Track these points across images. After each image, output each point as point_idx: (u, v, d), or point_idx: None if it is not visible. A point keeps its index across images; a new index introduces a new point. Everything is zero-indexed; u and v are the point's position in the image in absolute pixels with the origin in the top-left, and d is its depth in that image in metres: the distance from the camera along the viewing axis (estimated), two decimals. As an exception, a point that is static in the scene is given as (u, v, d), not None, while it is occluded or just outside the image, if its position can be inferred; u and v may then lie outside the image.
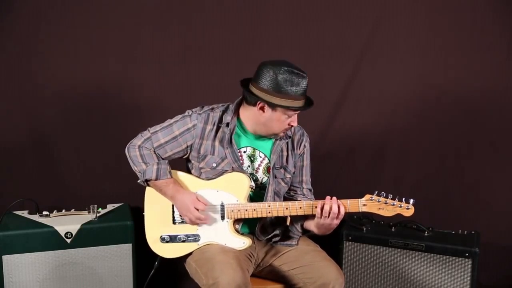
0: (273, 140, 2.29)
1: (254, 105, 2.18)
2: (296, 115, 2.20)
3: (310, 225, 2.23)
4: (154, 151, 2.24)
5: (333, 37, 3.08)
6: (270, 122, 2.18)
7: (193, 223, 2.20)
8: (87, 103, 2.99)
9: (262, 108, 2.16)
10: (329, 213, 2.08)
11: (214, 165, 2.22)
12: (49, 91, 2.94)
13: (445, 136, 3.13)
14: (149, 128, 2.27)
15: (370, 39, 3.07)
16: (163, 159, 2.26)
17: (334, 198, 2.11)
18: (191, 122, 2.23)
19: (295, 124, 2.20)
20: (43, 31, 2.88)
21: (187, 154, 2.28)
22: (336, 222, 2.11)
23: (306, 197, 2.36)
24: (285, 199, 2.37)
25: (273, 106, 2.13)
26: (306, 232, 2.31)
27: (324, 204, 2.10)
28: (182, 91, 3.03)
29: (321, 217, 2.11)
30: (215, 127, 2.23)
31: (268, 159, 2.29)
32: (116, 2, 2.93)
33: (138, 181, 2.26)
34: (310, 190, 2.40)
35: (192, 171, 2.29)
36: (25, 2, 2.84)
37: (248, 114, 2.23)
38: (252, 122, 2.24)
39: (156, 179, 2.20)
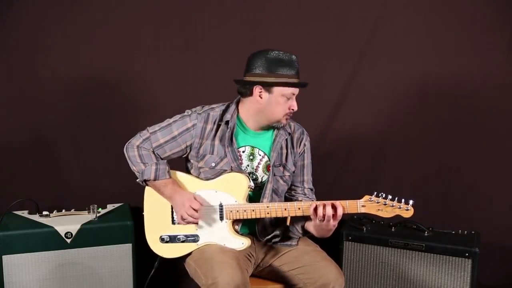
0: (273, 137, 2.29)
1: (251, 94, 2.19)
2: (294, 98, 2.20)
3: (310, 226, 2.23)
4: (153, 151, 2.25)
5: (333, 37, 3.08)
6: (270, 107, 2.19)
7: (184, 221, 2.17)
8: (87, 103, 3.00)
9: (259, 95, 2.18)
10: (323, 216, 2.08)
11: (213, 164, 2.22)
12: (49, 91, 2.94)
13: (445, 136, 3.12)
14: (148, 128, 2.27)
15: (370, 39, 3.07)
16: (162, 159, 2.26)
17: (329, 202, 2.09)
18: (190, 122, 2.23)
19: (295, 107, 2.20)
20: (43, 31, 2.89)
21: (187, 154, 2.28)
22: (334, 223, 2.09)
23: (307, 197, 2.36)
24: (286, 198, 2.37)
25: (269, 87, 2.16)
26: (306, 233, 2.30)
27: (317, 206, 2.09)
28: (182, 91, 3.03)
29: (315, 219, 2.11)
30: (215, 126, 2.24)
31: (268, 157, 2.29)
32: (116, 2, 2.93)
33: (137, 180, 2.27)
34: (311, 189, 2.40)
35: (191, 171, 2.29)
36: (25, 1, 2.85)
37: (248, 107, 2.24)
38: (252, 114, 2.24)
39: (155, 180, 2.20)
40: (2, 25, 2.85)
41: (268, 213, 2.16)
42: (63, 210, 2.71)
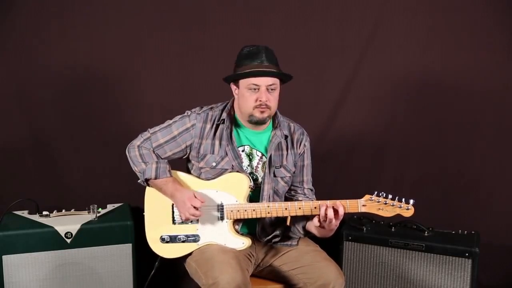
0: (270, 137, 2.29)
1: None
2: (263, 89, 2.14)
3: (311, 227, 2.23)
4: (153, 151, 2.25)
5: (333, 37, 3.08)
6: (240, 102, 2.22)
7: (188, 219, 2.17)
8: (87, 103, 3.00)
9: (235, 91, 2.24)
10: (325, 216, 2.08)
11: (214, 164, 2.22)
12: (49, 91, 2.94)
13: (445, 136, 3.12)
14: (149, 129, 2.28)
15: (370, 39, 3.07)
16: (162, 159, 2.26)
17: (329, 202, 2.09)
18: (189, 122, 2.24)
19: (262, 98, 2.14)
20: (43, 31, 2.89)
21: (187, 154, 2.28)
22: (336, 223, 2.10)
23: (307, 197, 2.36)
24: (286, 199, 2.37)
25: (237, 82, 2.20)
26: (307, 234, 2.30)
27: (319, 207, 2.09)
28: (182, 91, 3.03)
29: (317, 219, 2.11)
30: (214, 125, 2.24)
31: (266, 157, 2.28)
32: (116, 2, 2.93)
33: (139, 181, 2.27)
34: (311, 190, 2.40)
35: (192, 171, 2.30)
36: (25, 2, 2.84)
37: (236, 105, 2.29)
38: (239, 111, 2.27)
39: (156, 178, 2.20)
40: (2, 25, 2.85)
41: (268, 212, 2.16)
42: (63, 210, 2.71)
